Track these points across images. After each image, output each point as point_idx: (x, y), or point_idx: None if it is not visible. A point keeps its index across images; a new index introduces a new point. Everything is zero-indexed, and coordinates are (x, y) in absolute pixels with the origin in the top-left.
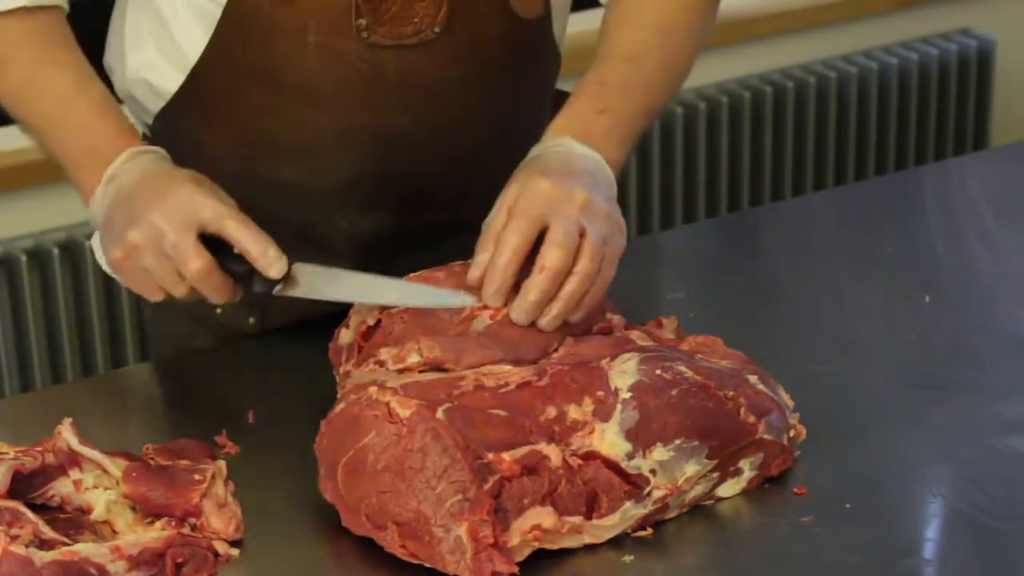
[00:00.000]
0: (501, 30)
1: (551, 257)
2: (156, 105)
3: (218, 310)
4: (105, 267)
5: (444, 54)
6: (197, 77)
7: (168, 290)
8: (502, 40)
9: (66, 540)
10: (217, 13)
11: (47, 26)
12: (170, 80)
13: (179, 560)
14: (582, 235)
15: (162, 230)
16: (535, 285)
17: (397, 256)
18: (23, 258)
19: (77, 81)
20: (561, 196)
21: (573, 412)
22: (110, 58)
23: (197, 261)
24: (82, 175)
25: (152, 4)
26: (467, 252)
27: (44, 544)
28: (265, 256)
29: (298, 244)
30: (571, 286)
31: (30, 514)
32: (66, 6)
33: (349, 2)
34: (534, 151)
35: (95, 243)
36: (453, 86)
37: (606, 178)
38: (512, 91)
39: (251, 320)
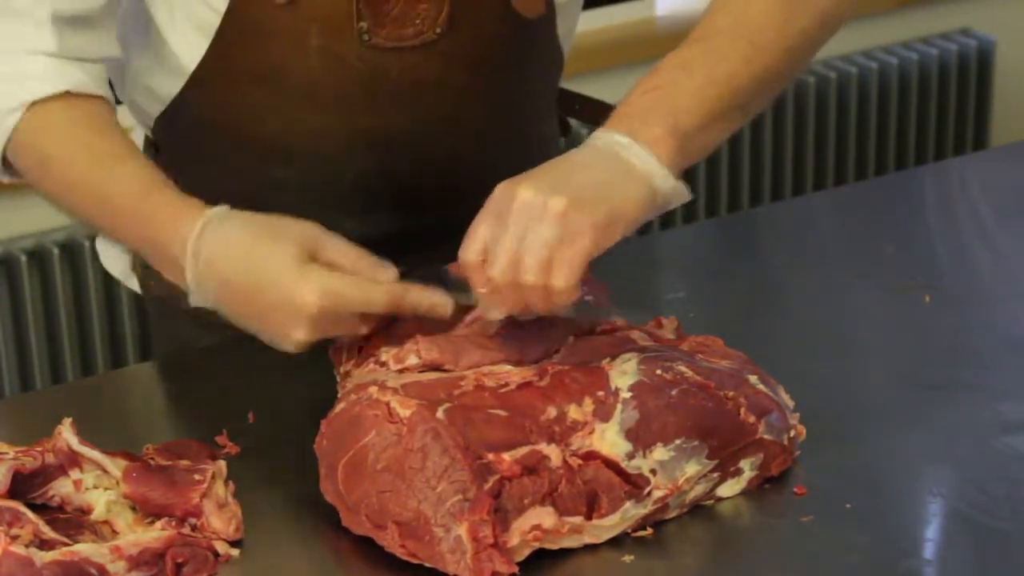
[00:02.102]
0: (503, 30)
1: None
2: (157, 110)
3: None
4: (111, 270)
5: (446, 55)
6: (197, 82)
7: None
8: (504, 40)
9: (66, 540)
10: (215, 20)
11: (90, 116)
12: (170, 85)
13: (179, 560)
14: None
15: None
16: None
17: (400, 257)
18: (23, 258)
19: (111, 172)
20: (532, 209)
21: (573, 412)
22: (109, 67)
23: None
24: (162, 267)
25: (146, 13)
26: None
27: (44, 544)
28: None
29: None
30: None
31: (30, 514)
32: (111, 99)
33: (350, 5)
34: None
35: (100, 245)
36: (455, 87)
37: (618, 172)
38: (514, 91)
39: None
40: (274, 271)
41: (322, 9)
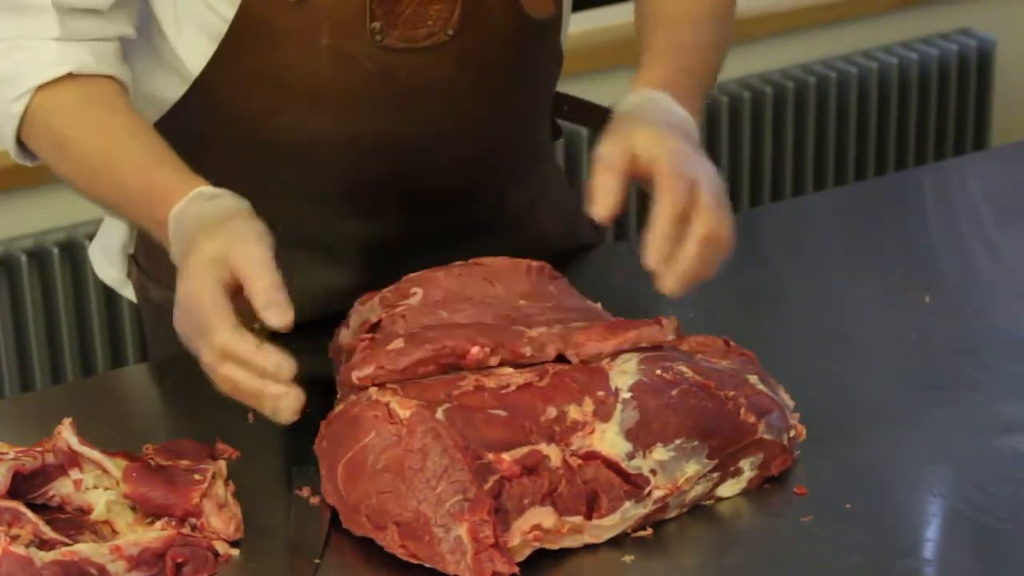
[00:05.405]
0: (513, 32)
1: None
2: (155, 116)
3: None
4: (105, 278)
5: (456, 56)
6: (202, 85)
7: (263, 408)
8: (514, 42)
9: (66, 540)
10: (223, 26)
11: (100, 95)
12: (171, 90)
13: (179, 560)
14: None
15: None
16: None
17: (403, 260)
18: (23, 258)
19: (108, 150)
20: (699, 158)
21: (573, 412)
22: None
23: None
24: (161, 241)
25: (150, 19)
26: (474, 255)
27: (44, 544)
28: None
29: (304, 249)
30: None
31: (30, 514)
32: (126, 79)
33: (363, 5)
34: (636, 102)
35: (94, 253)
36: (464, 88)
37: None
38: (520, 93)
39: (256, 326)
40: (203, 290)
41: (334, 8)
